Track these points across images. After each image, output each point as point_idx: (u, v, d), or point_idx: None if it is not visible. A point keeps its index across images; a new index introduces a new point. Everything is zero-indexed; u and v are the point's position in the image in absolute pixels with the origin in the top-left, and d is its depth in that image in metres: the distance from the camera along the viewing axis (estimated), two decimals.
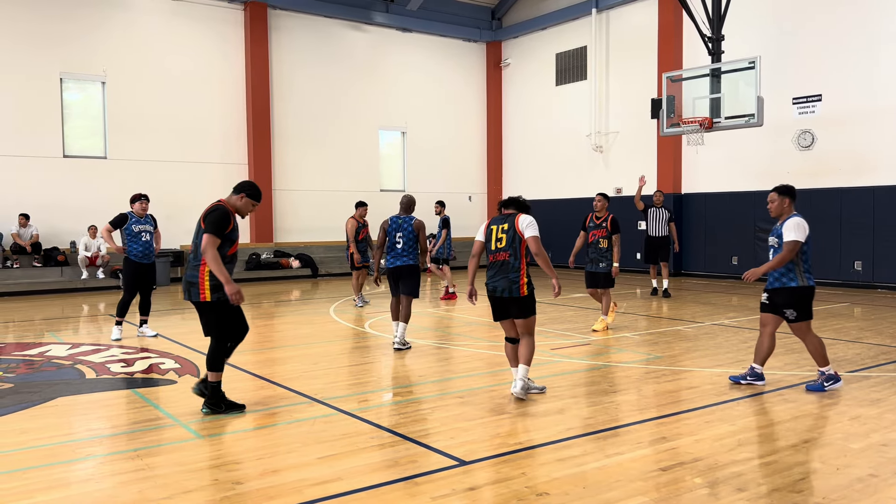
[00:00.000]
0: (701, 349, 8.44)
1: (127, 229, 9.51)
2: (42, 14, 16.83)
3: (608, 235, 9.76)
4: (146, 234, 9.63)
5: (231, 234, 5.74)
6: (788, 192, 6.44)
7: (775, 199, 6.45)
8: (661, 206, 13.92)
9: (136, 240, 9.56)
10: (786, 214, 6.39)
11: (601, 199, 9.93)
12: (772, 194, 6.49)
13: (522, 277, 6.23)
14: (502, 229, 6.28)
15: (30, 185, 16.73)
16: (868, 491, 4.08)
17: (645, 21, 19.32)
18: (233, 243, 5.80)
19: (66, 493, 4.18)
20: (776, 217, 6.47)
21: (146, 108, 18.13)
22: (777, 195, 6.44)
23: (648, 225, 13.95)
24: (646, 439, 5.07)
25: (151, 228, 9.73)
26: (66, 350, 8.76)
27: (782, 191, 6.44)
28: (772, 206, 6.47)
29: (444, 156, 23.31)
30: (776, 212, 6.44)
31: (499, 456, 4.70)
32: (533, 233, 6.19)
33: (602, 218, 9.93)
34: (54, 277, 16.34)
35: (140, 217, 9.63)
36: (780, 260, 6.16)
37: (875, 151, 14.89)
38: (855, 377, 6.92)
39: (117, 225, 9.46)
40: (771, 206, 6.48)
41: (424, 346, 8.77)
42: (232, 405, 5.84)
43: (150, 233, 9.71)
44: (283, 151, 20.24)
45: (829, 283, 15.52)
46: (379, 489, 4.16)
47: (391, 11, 21.84)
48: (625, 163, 20.05)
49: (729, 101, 13.74)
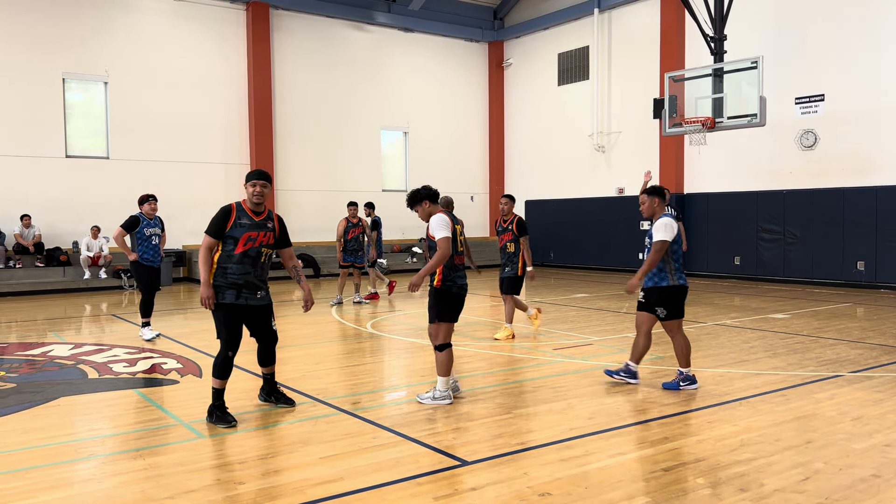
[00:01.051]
0: (703, 349, 8.43)
1: (139, 233, 9.16)
2: (44, 15, 16.85)
3: (514, 239, 9.15)
4: (156, 237, 9.51)
5: (232, 232, 5.43)
6: (658, 193, 6.49)
7: (645, 200, 6.51)
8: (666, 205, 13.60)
9: (147, 243, 9.25)
10: (658, 215, 6.46)
11: (507, 202, 9.29)
12: (642, 196, 6.55)
13: None
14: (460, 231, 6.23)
15: (32, 185, 16.75)
16: (871, 491, 4.07)
17: (647, 21, 19.30)
18: (236, 241, 5.43)
19: (69, 492, 4.19)
20: (649, 218, 6.53)
21: (148, 108, 18.15)
22: (647, 196, 6.50)
23: None
24: (648, 439, 5.06)
25: (160, 231, 9.62)
26: (68, 350, 8.77)
27: (651, 191, 6.50)
28: (643, 207, 6.53)
29: (446, 156, 23.31)
30: (648, 212, 6.50)
31: (501, 456, 4.70)
32: None
33: (508, 221, 9.26)
34: (57, 277, 16.36)
35: (150, 219, 9.41)
36: (650, 261, 6.25)
37: (878, 151, 14.86)
38: (858, 377, 6.90)
39: (130, 228, 9.08)
40: (642, 208, 6.54)
41: (425, 345, 8.77)
42: (223, 418, 5.45)
43: (159, 235, 9.60)
44: (285, 151, 20.25)
45: (831, 283, 15.50)
46: (381, 489, 4.16)
47: (393, 11, 21.84)
48: (627, 163, 20.03)
49: (731, 100, 13.72)
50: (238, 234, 5.45)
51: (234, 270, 5.46)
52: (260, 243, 5.53)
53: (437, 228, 5.93)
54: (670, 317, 6.45)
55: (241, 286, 5.48)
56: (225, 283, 5.47)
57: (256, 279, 5.56)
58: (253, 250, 5.48)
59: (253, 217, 5.55)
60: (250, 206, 5.56)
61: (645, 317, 6.59)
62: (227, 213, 5.50)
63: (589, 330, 10.00)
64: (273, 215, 5.71)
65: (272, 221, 5.67)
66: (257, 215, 5.57)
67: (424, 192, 6.16)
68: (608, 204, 20.47)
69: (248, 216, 5.53)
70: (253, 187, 5.54)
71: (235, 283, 5.46)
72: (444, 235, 5.87)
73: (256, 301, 5.58)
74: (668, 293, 6.40)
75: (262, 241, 5.54)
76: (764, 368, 7.38)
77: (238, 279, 5.46)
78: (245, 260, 5.47)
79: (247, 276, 5.49)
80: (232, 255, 5.45)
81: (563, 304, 12.98)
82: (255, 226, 5.52)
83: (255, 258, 5.51)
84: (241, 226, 5.48)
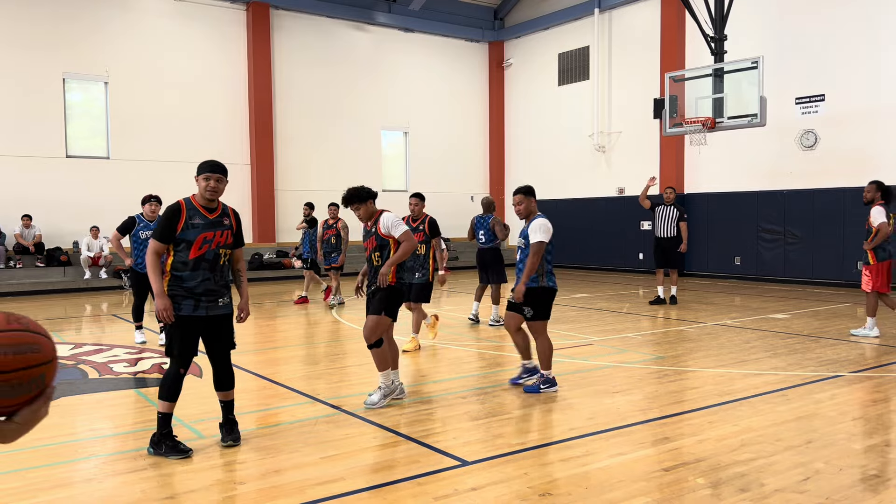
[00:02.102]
0: (704, 349, 8.43)
1: (134, 235, 8.83)
2: (45, 15, 16.86)
3: (426, 240, 8.47)
4: None
5: (185, 234, 4.73)
6: (532, 192, 6.44)
7: (522, 200, 6.40)
8: (670, 205, 12.52)
9: (141, 247, 8.92)
10: (533, 215, 6.39)
11: (417, 202, 8.86)
12: (517, 196, 6.42)
13: None
14: None
15: (32, 185, 16.76)
16: (871, 492, 4.07)
17: (647, 21, 19.30)
18: (190, 245, 4.73)
19: (69, 492, 4.19)
20: (525, 218, 6.44)
21: (149, 108, 18.16)
22: (522, 196, 6.40)
23: (656, 225, 12.65)
24: (648, 439, 5.06)
25: None
26: (68, 350, 8.77)
27: (526, 191, 6.42)
28: (519, 208, 6.41)
29: (446, 156, 23.31)
30: (524, 213, 6.40)
31: (501, 456, 4.69)
32: None
33: (419, 221, 8.64)
34: (57, 277, 16.36)
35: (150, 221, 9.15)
36: (531, 265, 6.14)
37: (878, 152, 14.85)
38: (858, 378, 6.90)
39: (125, 231, 8.80)
40: (519, 209, 6.41)
41: (426, 345, 8.77)
42: (175, 448, 4.73)
43: None
44: (286, 151, 20.26)
45: (831, 284, 15.49)
46: (381, 489, 4.16)
47: (393, 11, 21.85)
48: (627, 163, 20.03)
49: (732, 100, 13.71)
50: (191, 236, 4.74)
51: (189, 278, 4.75)
52: (217, 244, 4.82)
53: (397, 225, 5.86)
54: (536, 317, 6.32)
55: (199, 295, 4.77)
56: (181, 292, 4.76)
57: (216, 285, 4.85)
58: (210, 253, 4.78)
59: (206, 215, 4.84)
60: (202, 202, 4.86)
61: (512, 316, 6.49)
62: (177, 212, 4.79)
63: (589, 330, 10.00)
64: (228, 210, 5.00)
65: (228, 217, 4.95)
66: (211, 212, 4.86)
67: (369, 191, 5.98)
68: (608, 204, 20.46)
69: (200, 214, 4.82)
70: (206, 181, 4.82)
71: (192, 291, 4.76)
72: (406, 229, 5.84)
73: (217, 310, 4.86)
74: (536, 294, 6.27)
75: (219, 242, 4.83)
76: (764, 368, 7.37)
77: (195, 287, 4.76)
78: (202, 265, 4.77)
79: (206, 283, 4.78)
80: (186, 261, 4.74)
81: (563, 304, 12.97)
82: (210, 225, 4.81)
83: (214, 262, 4.80)
84: (193, 227, 4.77)
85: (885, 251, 9.04)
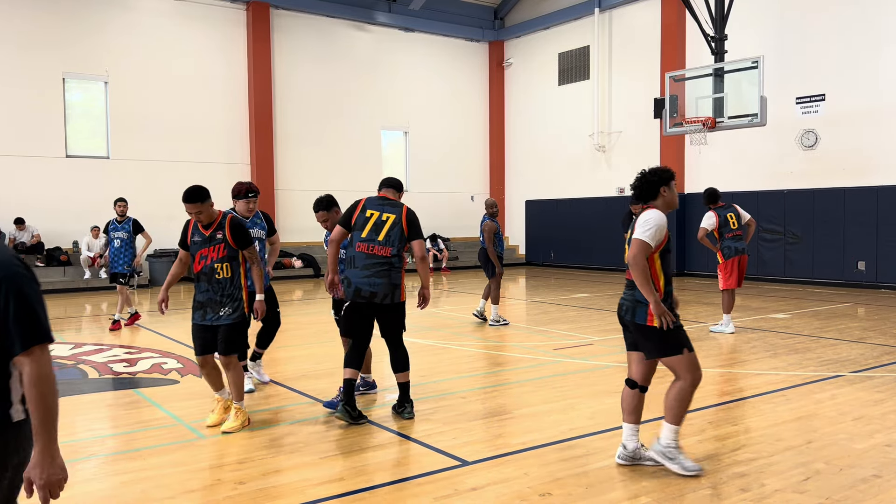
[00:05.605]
0: (704, 349, 8.42)
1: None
2: (45, 14, 16.85)
3: None
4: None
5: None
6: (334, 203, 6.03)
7: (326, 217, 5.98)
8: None
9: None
10: None
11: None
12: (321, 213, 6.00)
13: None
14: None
15: (32, 185, 16.75)
16: (872, 492, 4.06)
17: (647, 20, 19.29)
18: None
19: (69, 492, 4.18)
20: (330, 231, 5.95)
21: (148, 107, 18.15)
22: (324, 212, 5.99)
23: None
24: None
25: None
26: (68, 350, 8.76)
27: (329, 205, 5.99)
28: (326, 224, 5.99)
29: (446, 156, 23.30)
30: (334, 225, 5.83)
31: (501, 456, 4.69)
32: None
33: None
34: (57, 277, 16.36)
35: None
36: None
37: (879, 151, 14.85)
38: (858, 377, 6.90)
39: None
40: (325, 225, 6.00)
41: (426, 345, 8.77)
42: None
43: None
44: (286, 151, 20.25)
45: (832, 283, 15.49)
46: (381, 489, 4.16)
47: (394, 11, 21.84)
48: (627, 163, 20.01)
49: (732, 100, 13.71)
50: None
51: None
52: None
53: None
54: None
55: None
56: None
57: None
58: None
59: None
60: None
61: None
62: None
63: (589, 330, 9.99)
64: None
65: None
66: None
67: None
68: (608, 204, 20.45)
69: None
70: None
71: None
72: None
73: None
74: None
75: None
76: (764, 368, 7.37)
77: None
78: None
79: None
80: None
81: (563, 304, 12.97)
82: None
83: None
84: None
85: (730, 249, 9.63)
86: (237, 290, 5.30)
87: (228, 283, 5.26)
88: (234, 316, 5.29)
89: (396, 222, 5.45)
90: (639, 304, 4.32)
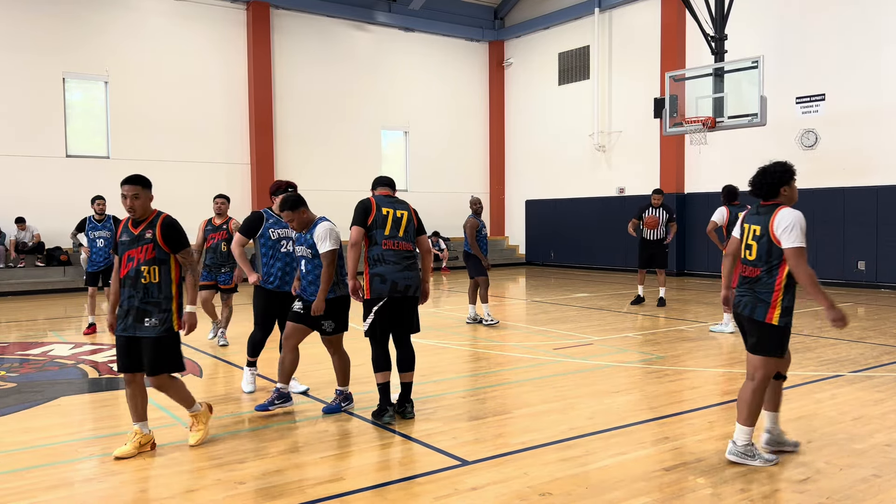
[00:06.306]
0: (703, 349, 8.43)
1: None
2: (45, 14, 16.85)
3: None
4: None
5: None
6: (301, 202, 5.59)
7: (292, 217, 5.53)
8: (658, 207, 12.27)
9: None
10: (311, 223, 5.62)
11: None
12: (287, 212, 5.53)
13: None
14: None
15: (32, 184, 16.75)
16: (872, 491, 4.07)
17: (648, 20, 19.29)
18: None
19: (69, 492, 4.19)
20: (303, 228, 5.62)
21: (149, 107, 18.15)
22: (290, 213, 5.52)
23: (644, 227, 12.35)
24: (648, 439, 5.06)
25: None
26: (68, 349, 8.77)
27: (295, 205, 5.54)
28: (293, 224, 5.57)
29: (446, 156, 23.30)
30: (300, 227, 5.58)
31: (501, 456, 4.69)
32: None
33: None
34: (57, 277, 16.37)
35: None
36: (328, 276, 5.44)
37: (879, 151, 14.85)
38: (858, 377, 6.90)
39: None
40: (292, 225, 5.59)
41: (426, 345, 8.77)
42: None
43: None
44: (286, 151, 20.25)
45: (832, 283, 15.49)
46: (381, 489, 4.16)
47: (394, 11, 21.84)
48: (627, 163, 20.03)
49: (732, 100, 13.71)
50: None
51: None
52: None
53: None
54: (337, 330, 5.71)
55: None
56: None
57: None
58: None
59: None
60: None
61: (298, 329, 5.68)
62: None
63: (589, 330, 9.99)
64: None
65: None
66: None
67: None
68: (608, 204, 20.46)
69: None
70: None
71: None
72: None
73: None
74: (335, 304, 5.61)
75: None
76: None
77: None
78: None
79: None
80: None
81: (563, 303, 12.98)
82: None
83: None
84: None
85: None
86: (166, 299, 4.72)
87: (155, 289, 4.67)
88: (161, 329, 4.67)
89: (410, 218, 5.60)
90: (760, 302, 4.40)
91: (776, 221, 4.39)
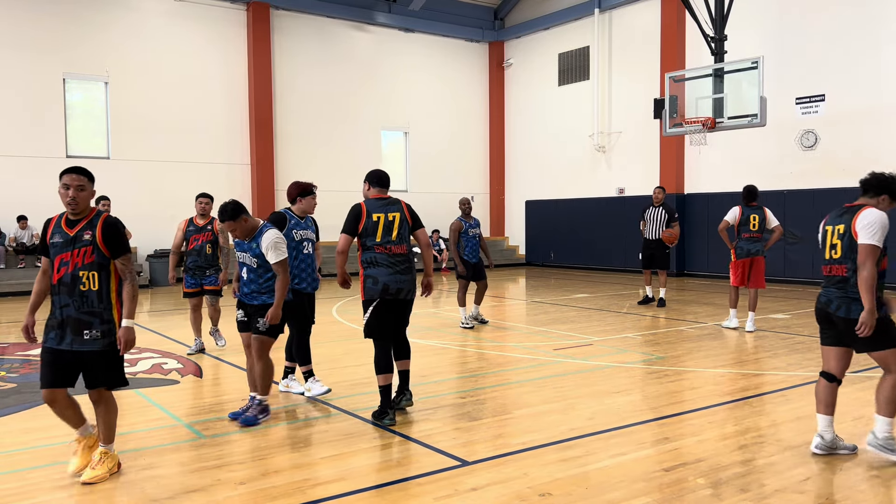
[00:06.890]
0: (704, 350, 8.43)
1: None
2: (45, 15, 16.86)
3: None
4: None
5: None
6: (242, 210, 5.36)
7: (234, 227, 5.34)
8: (659, 206, 12.30)
9: None
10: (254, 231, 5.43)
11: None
12: (228, 223, 5.31)
13: None
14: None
15: (32, 185, 16.72)
16: (872, 492, 4.07)
17: (647, 21, 19.30)
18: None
19: (69, 492, 4.19)
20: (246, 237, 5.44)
21: (149, 108, 18.15)
22: (231, 222, 5.31)
23: (645, 226, 12.45)
24: (648, 440, 5.06)
25: None
26: None
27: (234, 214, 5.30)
28: (237, 232, 5.39)
29: (446, 156, 23.30)
30: (243, 235, 5.42)
31: (501, 456, 4.69)
32: None
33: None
34: None
35: None
36: (284, 283, 5.36)
37: (879, 151, 14.84)
38: (858, 377, 6.90)
39: None
40: (237, 233, 5.40)
41: (427, 345, 8.77)
42: None
43: None
44: (286, 152, 20.25)
45: None
46: (381, 489, 4.16)
47: (394, 12, 21.84)
48: (627, 163, 20.03)
49: (732, 101, 13.71)
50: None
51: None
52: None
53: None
54: (271, 333, 5.57)
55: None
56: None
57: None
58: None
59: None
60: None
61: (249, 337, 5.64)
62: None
63: (589, 330, 9.99)
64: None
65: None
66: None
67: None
68: (608, 204, 20.46)
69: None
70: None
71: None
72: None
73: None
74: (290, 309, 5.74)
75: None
76: (764, 368, 7.37)
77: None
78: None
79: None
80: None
81: (563, 304, 12.98)
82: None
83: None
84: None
85: (742, 250, 9.87)
86: (107, 309, 4.23)
87: (95, 297, 4.19)
88: (105, 342, 4.22)
89: (402, 219, 5.63)
90: (853, 301, 4.45)
91: (860, 217, 4.48)
